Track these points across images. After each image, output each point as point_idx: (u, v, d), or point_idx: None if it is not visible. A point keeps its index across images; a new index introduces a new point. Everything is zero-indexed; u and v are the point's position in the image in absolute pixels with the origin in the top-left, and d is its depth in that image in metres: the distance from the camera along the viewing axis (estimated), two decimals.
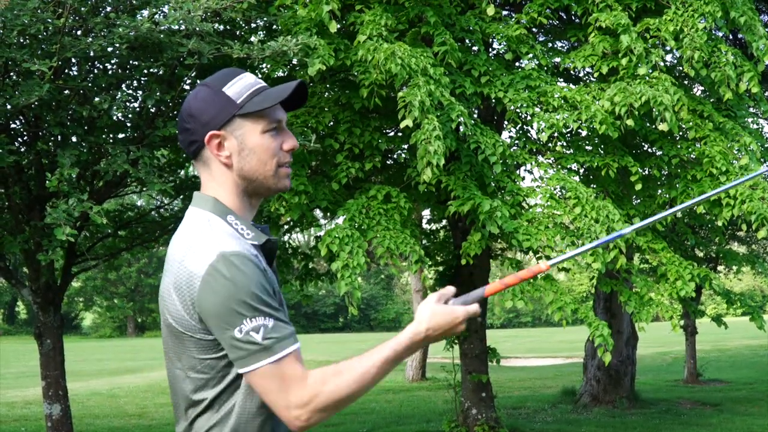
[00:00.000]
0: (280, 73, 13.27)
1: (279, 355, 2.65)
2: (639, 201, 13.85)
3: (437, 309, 2.82)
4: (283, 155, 2.96)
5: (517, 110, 12.49)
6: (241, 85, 2.90)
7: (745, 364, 30.36)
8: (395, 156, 14.53)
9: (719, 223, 12.78)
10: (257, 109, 2.87)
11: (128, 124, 10.20)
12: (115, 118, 9.55)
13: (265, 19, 11.83)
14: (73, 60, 9.44)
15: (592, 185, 13.36)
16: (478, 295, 2.93)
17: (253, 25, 12.72)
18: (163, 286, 2.82)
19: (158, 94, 9.42)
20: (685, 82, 14.80)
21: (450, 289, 2.90)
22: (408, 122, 10.62)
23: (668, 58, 14.72)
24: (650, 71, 12.31)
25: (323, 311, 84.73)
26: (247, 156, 2.90)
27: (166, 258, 2.87)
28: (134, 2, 9.24)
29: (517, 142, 13.50)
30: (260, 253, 2.84)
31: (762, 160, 13.92)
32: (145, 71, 9.64)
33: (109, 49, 8.98)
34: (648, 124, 13.18)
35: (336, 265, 10.89)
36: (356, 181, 12.71)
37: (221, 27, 11.87)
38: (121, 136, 9.95)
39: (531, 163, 12.81)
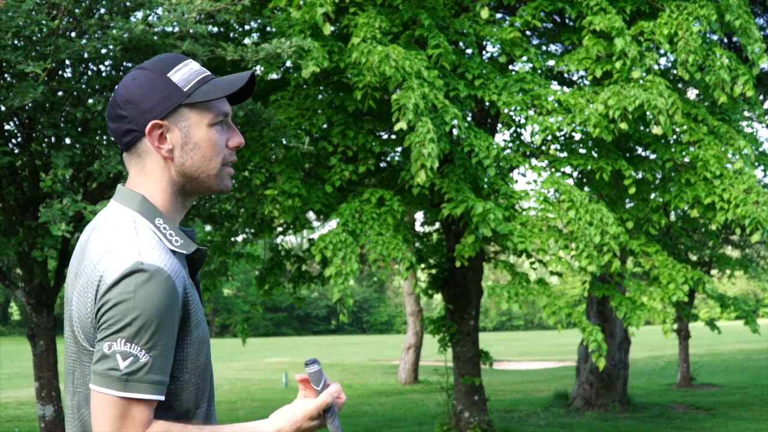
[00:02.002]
0: (274, 75, 13.29)
1: (130, 395, 2.37)
2: (632, 204, 13.86)
3: (289, 408, 2.64)
4: (229, 153, 2.71)
5: (511, 113, 12.49)
6: (187, 72, 2.62)
7: (739, 368, 30.40)
8: (389, 159, 14.52)
9: (713, 227, 12.78)
10: (206, 99, 2.60)
11: None
12: None
13: (258, 21, 11.84)
14: (67, 62, 9.41)
15: (585, 188, 13.36)
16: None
17: (246, 27, 12.72)
18: (76, 289, 2.54)
19: None
20: (680, 86, 14.83)
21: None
22: (402, 125, 10.60)
23: (662, 61, 14.74)
24: (644, 74, 12.32)
25: (316, 314, 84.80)
26: (191, 151, 2.62)
27: (76, 253, 2.62)
28: (128, 4, 9.22)
29: (510, 145, 13.51)
30: (184, 262, 2.62)
31: (756, 163, 13.94)
32: None
33: (103, 51, 8.98)
34: (642, 128, 13.19)
35: (329, 272, 10.89)
36: (350, 184, 12.70)
37: (215, 29, 11.87)
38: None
39: (524, 166, 12.81)
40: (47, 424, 10.35)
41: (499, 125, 14.39)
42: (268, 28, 12.25)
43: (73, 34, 9.11)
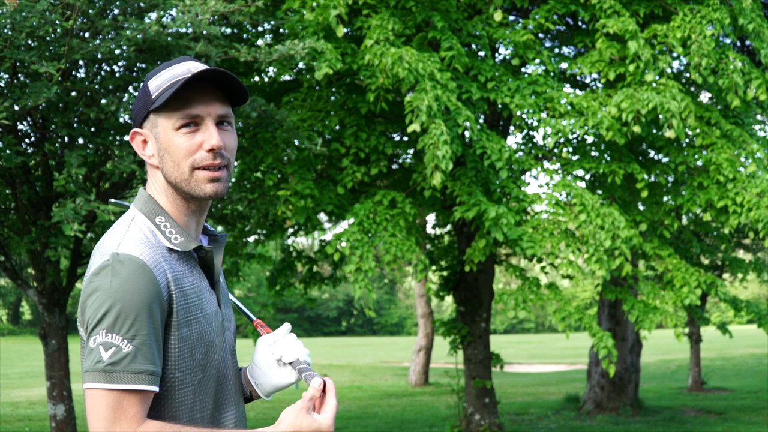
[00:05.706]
0: (287, 77, 13.30)
1: (116, 386, 2.35)
2: (645, 208, 13.83)
3: (302, 416, 2.49)
4: (202, 156, 2.59)
5: (524, 116, 12.48)
6: (165, 77, 2.60)
7: (750, 373, 30.31)
8: (400, 161, 14.52)
9: (726, 231, 12.77)
10: (161, 103, 2.57)
11: None
12: (122, 120, 9.55)
13: (272, 22, 11.84)
14: (81, 62, 9.43)
15: (598, 191, 13.34)
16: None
17: (260, 29, 12.74)
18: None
19: None
20: (693, 89, 14.79)
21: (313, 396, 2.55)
22: (415, 127, 10.60)
23: (675, 64, 14.72)
24: (657, 78, 12.29)
25: (326, 315, 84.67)
26: (164, 157, 2.61)
27: None
28: (142, 5, 9.25)
29: (522, 147, 13.49)
30: (189, 261, 2.61)
31: None
32: None
33: (117, 52, 9.00)
34: (655, 131, 13.16)
35: (349, 269, 10.92)
36: (362, 186, 12.71)
37: (228, 30, 11.88)
38: (128, 138, 9.94)
39: (537, 169, 12.80)
40: (58, 423, 10.37)
41: (512, 128, 14.39)
42: (281, 30, 12.26)
43: (86, 35, 9.13)
